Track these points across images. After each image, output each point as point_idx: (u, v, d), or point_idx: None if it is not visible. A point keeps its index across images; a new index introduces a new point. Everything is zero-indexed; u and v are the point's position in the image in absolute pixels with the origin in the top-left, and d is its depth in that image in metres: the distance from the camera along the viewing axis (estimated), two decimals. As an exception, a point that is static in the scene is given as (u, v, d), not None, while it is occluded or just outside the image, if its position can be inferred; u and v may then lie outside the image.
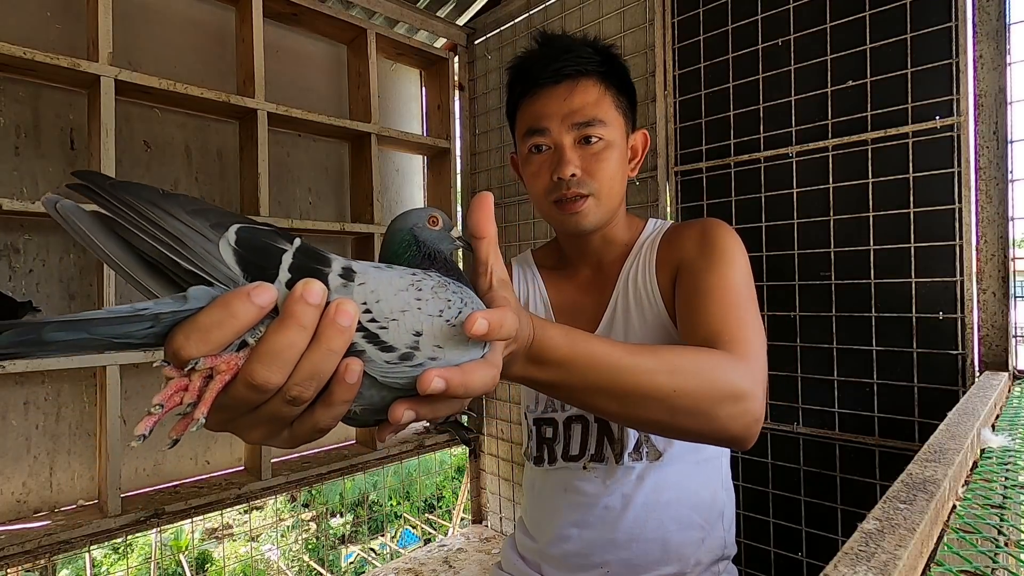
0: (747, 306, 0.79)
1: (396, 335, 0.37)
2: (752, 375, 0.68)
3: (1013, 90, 1.03)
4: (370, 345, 0.36)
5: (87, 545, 1.22)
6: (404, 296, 0.38)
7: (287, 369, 0.33)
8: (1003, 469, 0.58)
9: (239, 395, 0.34)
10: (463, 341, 0.39)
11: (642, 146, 0.97)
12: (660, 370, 0.60)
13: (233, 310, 0.32)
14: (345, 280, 0.37)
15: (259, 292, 0.33)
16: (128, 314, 0.32)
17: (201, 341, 0.32)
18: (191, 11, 1.54)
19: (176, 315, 0.33)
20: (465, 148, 2.02)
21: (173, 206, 0.34)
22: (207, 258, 0.34)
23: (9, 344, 0.29)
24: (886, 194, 1.14)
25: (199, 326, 0.32)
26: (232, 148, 1.59)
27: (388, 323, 0.37)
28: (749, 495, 1.34)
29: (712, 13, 1.37)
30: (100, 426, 1.28)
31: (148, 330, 0.32)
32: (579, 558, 0.93)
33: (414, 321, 0.38)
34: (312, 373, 0.34)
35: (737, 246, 0.86)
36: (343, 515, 6.36)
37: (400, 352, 0.37)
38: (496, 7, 1.91)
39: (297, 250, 0.37)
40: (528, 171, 0.92)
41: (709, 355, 0.66)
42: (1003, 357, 1.05)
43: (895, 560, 0.35)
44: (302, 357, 0.34)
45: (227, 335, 0.32)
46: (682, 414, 0.61)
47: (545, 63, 0.88)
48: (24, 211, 1.16)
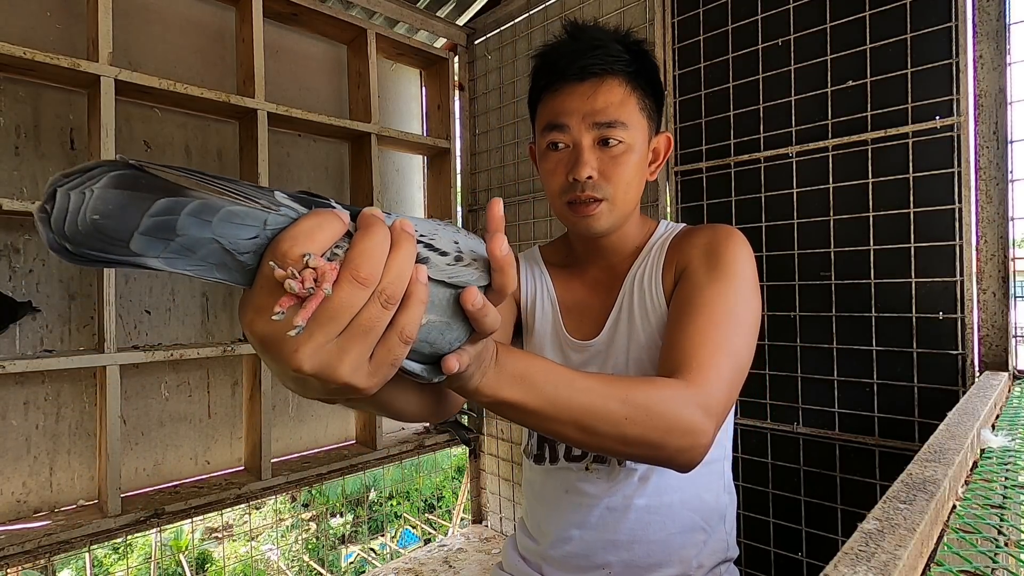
0: (736, 329, 0.77)
1: (443, 243, 0.44)
2: (705, 408, 0.68)
3: (1013, 90, 1.03)
4: (431, 252, 0.43)
5: (87, 545, 1.22)
6: (429, 224, 0.46)
7: (380, 266, 0.38)
8: (1003, 469, 0.58)
9: (343, 296, 0.37)
10: (481, 245, 0.46)
11: (665, 149, 0.94)
12: (613, 396, 0.62)
13: (325, 219, 0.37)
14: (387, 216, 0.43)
15: (341, 212, 0.39)
16: (246, 212, 0.35)
17: (308, 238, 0.36)
18: (191, 11, 1.54)
19: (279, 223, 0.36)
20: (465, 148, 2.02)
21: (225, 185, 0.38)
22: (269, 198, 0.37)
23: (150, 226, 0.32)
24: (886, 194, 1.14)
25: (303, 229, 0.36)
26: (232, 148, 1.59)
27: (433, 238, 0.44)
28: (749, 495, 1.34)
29: (712, 13, 1.37)
30: (100, 426, 1.28)
31: (253, 240, 0.36)
32: (580, 559, 0.93)
33: (447, 235, 0.45)
34: (398, 271, 0.38)
35: (745, 260, 0.84)
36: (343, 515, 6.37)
37: (452, 255, 0.44)
38: (496, 7, 1.91)
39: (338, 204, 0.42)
40: (544, 167, 0.90)
41: (663, 387, 0.67)
42: (1003, 357, 1.05)
43: (895, 560, 0.35)
44: (388, 259, 0.38)
45: (327, 237, 0.37)
46: (633, 443, 0.63)
47: (572, 58, 0.85)
48: (24, 211, 1.16)
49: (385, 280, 0.38)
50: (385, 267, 0.38)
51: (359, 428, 1.81)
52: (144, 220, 0.32)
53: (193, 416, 1.53)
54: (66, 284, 1.35)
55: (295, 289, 0.34)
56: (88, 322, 1.37)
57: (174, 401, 1.50)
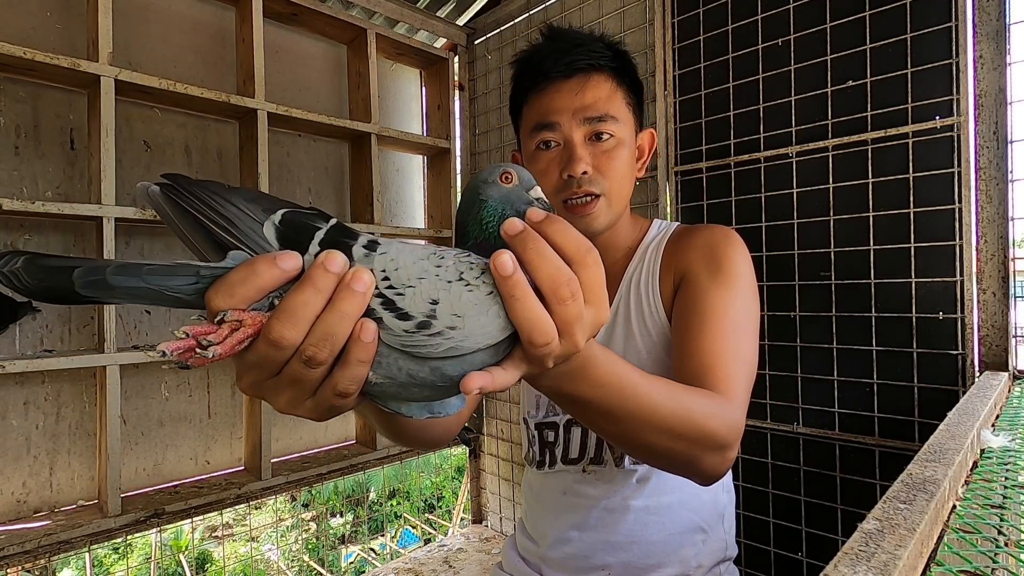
0: (744, 334, 0.78)
1: (412, 302, 0.37)
2: (738, 425, 0.68)
3: (1013, 90, 1.03)
4: (387, 312, 0.37)
5: (87, 545, 1.22)
6: (423, 264, 0.39)
7: (302, 327, 0.35)
8: (1003, 469, 0.58)
9: (260, 351, 0.36)
10: (484, 310, 0.38)
11: (649, 145, 0.94)
12: (674, 404, 0.59)
13: (257, 268, 0.36)
14: (368, 250, 0.39)
15: (283, 258, 0.36)
16: (175, 266, 0.36)
17: (228, 294, 0.35)
18: (191, 11, 1.54)
19: (214, 272, 0.36)
20: (465, 148, 2.02)
21: (235, 196, 0.39)
22: (251, 235, 0.38)
23: (83, 284, 0.34)
24: (886, 194, 1.14)
25: (228, 281, 0.36)
26: (232, 148, 1.59)
27: (405, 289, 0.38)
28: (749, 495, 1.34)
29: (712, 13, 1.37)
30: (100, 426, 1.28)
31: (193, 285, 0.36)
32: (580, 560, 0.93)
33: (431, 288, 0.38)
34: (326, 333, 0.36)
35: (745, 262, 0.84)
36: (343, 515, 6.36)
37: (417, 320, 0.37)
38: (496, 7, 1.91)
39: (330, 227, 0.39)
40: (535, 169, 0.88)
41: (708, 400, 0.66)
42: (1003, 357, 1.05)
43: (895, 560, 0.35)
44: (318, 318, 0.36)
45: (250, 291, 0.36)
46: (669, 454, 0.62)
47: (556, 56, 0.85)
48: (24, 211, 1.16)
49: (308, 341, 0.36)
50: (312, 327, 0.36)
51: (359, 428, 1.81)
52: (75, 280, 0.34)
53: (193, 416, 1.53)
54: (66, 284, 1.35)
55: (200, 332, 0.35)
56: (88, 322, 1.37)
57: (174, 401, 1.50)
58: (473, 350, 0.38)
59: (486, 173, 0.47)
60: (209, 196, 0.38)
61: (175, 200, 0.38)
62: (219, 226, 0.37)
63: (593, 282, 0.40)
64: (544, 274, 0.38)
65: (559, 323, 0.39)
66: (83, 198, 1.34)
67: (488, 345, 0.38)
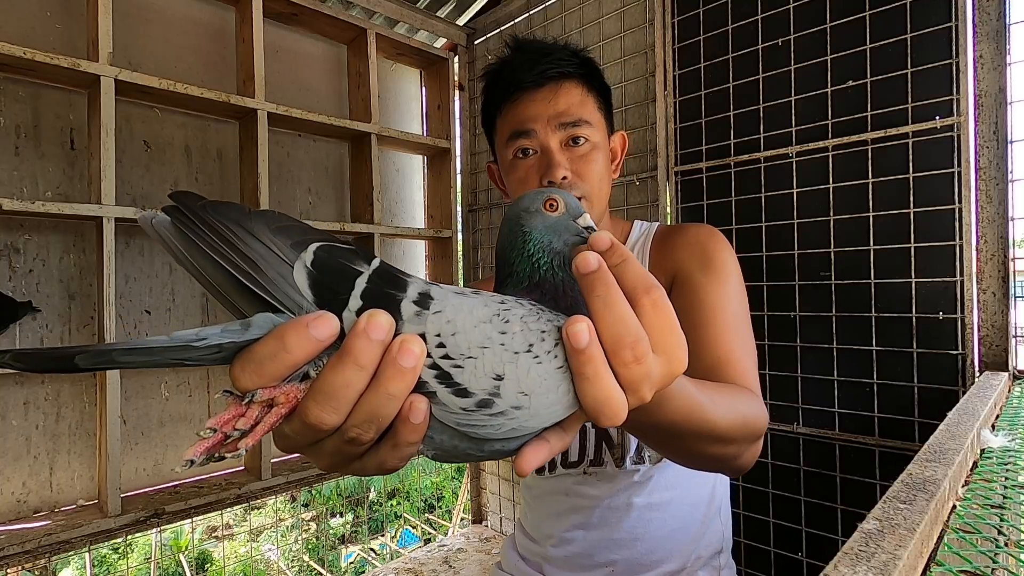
0: (744, 326, 0.80)
1: (473, 377, 0.32)
2: (767, 417, 0.69)
3: (1013, 90, 1.03)
4: (442, 386, 0.32)
5: (87, 545, 1.22)
6: (486, 329, 0.33)
7: (343, 409, 0.31)
8: (1003, 469, 0.58)
9: (297, 429, 0.32)
10: (554, 387, 0.33)
11: (621, 148, 0.96)
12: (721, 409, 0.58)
13: (287, 343, 0.30)
14: (420, 308, 0.33)
15: (317, 324, 0.31)
16: (190, 342, 0.31)
17: (255, 374, 0.31)
18: (191, 11, 1.54)
19: (236, 344, 0.32)
20: (465, 148, 2.02)
21: (257, 224, 0.33)
22: (279, 283, 0.32)
23: (88, 365, 0.30)
24: (886, 194, 1.14)
25: (254, 358, 0.31)
26: (232, 148, 1.59)
27: (464, 361, 0.32)
28: (749, 495, 1.34)
29: (712, 13, 1.37)
30: (100, 426, 1.28)
31: (215, 355, 0.32)
32: (584, 558, 0.93)
33: (495, 360, 0.33)
34: (370, 415, 0.32)
35: (732, 258, 0.86)
36: (343, 515, 6.37)
37: (478, 398, 0.32)
38: (496, 7, 1.91)
39: (373, 272, 0.34)
40: (514, 178, 0.89)
41: (747, 398, 0.67)
42: (1003, 357, 1.05)
43: (895, 560, 0.34)
44: (360, 397, 0.31)
45: (280, 369, 0.31)
46: (723, 458, 0.62)
47: (527, 66, 0.86)
48: (24, 211, 1.16)
49: (350, 422, 0.32)
50: (354, 407, 0.32)
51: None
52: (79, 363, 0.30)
53: (193, 416, 1.53)
54: (66, 284, 1.35)
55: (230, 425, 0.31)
56: (88, 322, 1.37)
57: (174, 401, 1.50)
58: (537, 430, 0.34)
59: (527, 201, 0.42)
60: (227, 229, 0.32)
61: (187, 234, 0.32)
62: (241, 271, 0.32)
63: (656, 326, 0.35)
64: (607, 328, 0.34)
65: (623, 383, 0.34)
66: (83, 198, 1.34)
67: (553, 424, 0.35)
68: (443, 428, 0.33)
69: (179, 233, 0.32)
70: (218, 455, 0.31)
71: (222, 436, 0.31)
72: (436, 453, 0.35)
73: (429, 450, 0.35)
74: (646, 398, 0.35)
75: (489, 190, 1.96)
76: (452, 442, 0.34)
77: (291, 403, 0.32)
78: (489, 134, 0.97)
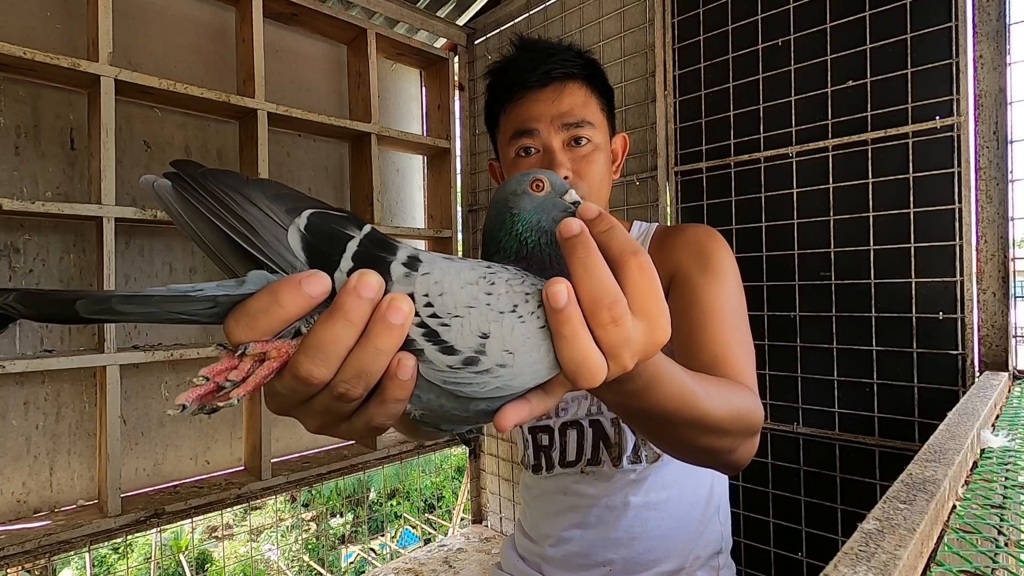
0: (742, 326, 0.81)
1: (459, 335, 0.33)
2: (762, 413, 0.70)
3: (1013, 90, 1.03)
4: (429, 344, 0.33)
5: (87, 545, 1.22)
6: (472, 290, 0.34)
7: (333, 364, 0.32)
8: (1003, 469, 0.58)
9: (288, 384, 0.33)
10: (536, 345, 0.34)
11: (622, 149, 0.97)
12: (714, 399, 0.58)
13: (280, 298, 0.32)
14: (408, 269, 0.34)
15: (310, 281, 0.32)
16: (187, 293, 0.32)
17: (248, 327, 0.32)
18: (191, 11, 1.54)
19: (231, 298, 0.33)
20: (465, 148, 2.02)
21: (255, 191, 0.35)
22: (274, 244, 0.34)
23: (88, 312, 0.31)
24: (886, 194, 1.14)
25: (247, 311, 0.32)
26: (232, 148, 1.59)
27: (451, 320, 0.33)
28: (749, 495, 1.34)
29: (712, 13, 1.37)
30: (100, 426, 1.28)
31: (209, 310, 0.33)
32: (581, 558, 0.93)
33: (481, 319, 0.34)
34: (359, 371, 0.32)
35: (730, 259, 0.87)
36: (343, 515, 6.36)
37: (464, 356, 0.33)
38: (496, 7, 1.91)
39: (365, 236, 0.35)
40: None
41: (742, 392, 0.68)
42: (1003, 357, 1.05)
43: (895, 560, 0.34)
44: (350, 353, 0.32)
45: (273, 323, 0.32)
46: (718, 451, 0.62)
47: (532, 66, 0.87)
48: (24, 211, 1.16)
49: (339, 377, 0.33)
50: (344, 362, 0.32)
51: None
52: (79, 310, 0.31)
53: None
54: (66, 284, 1.35)
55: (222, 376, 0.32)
56: (88, 322, 1.37)
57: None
58: (521, 389, 0.35)
59: (514, 184, 0.43)
60: (225, 193, 0.34)
61: (186, 198, 0.34)
62: (237, 232, 0.33)
63: (640, 291, 0.35)
64: (585, 291, 0.34)
65: (603, 347, 0.34)
66: (83, 198, 1.34)
67: (536, 384, 0.35)
68: (430, 387, 0.34)
69: (180, 197, 0.34)
70: (210, 406, 0.32)
71: (215, 386, 0.32)
72: (423, 414, 0.36)
73: (416, 409, 0.35)
74: (627, 365, 0.35)
75: (489, 190, 1.96)
76: (439, 400, 0.35)
77: (282, 358, 0.33)
78: (492, 132, 0.97)
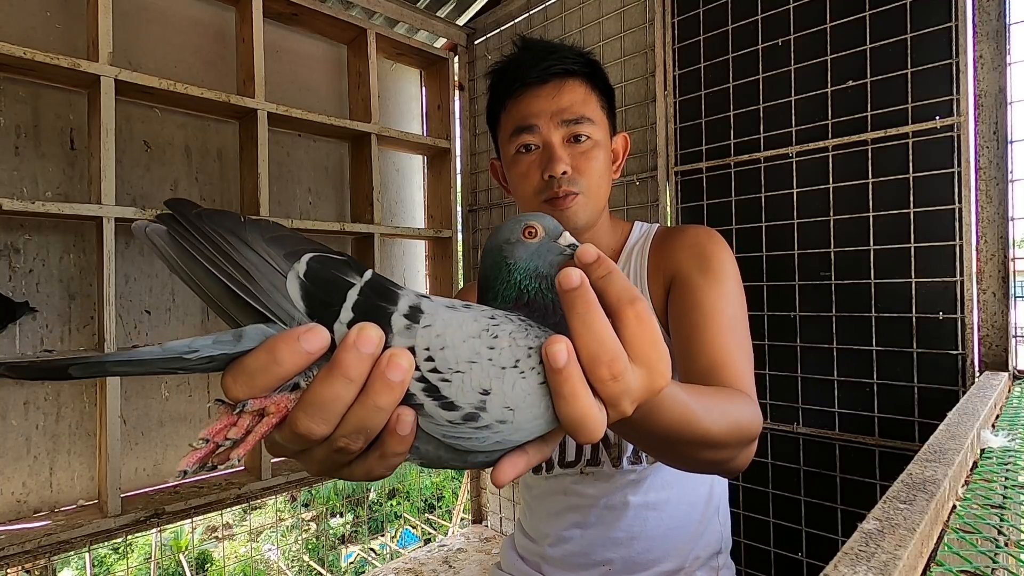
0: (742, 329, 0.81)
1: (460, 391, 0.33)
2: (761, 419, 0.70)
3: (1013, 90, 1.03)
4: (429, 399, 0.33)
5: (87, 545, 1.22)
6: (475, 344, 0.34)
7: (332, 421, 0.32)
8: (1003, 469, 0.58)
9: (287, 438, 0.33)
10: (537, 401, 0.34)
11: (623, 149, 0.97)
12: (724, 417, 0.59)
13: (278, 356, 0.31)
14: (410, 321, 0.34)
15: (308, 337, 0.31)
16: (182, 354, 0.32)
17: (246, 385, 0.32)
18: (191, 11, 1.54)
19: (228, 356, 0.32)
20: (465, 148, 2.02)
21: (252, 234, 0.34)
22: (272, 293, 0.33)
23: (82, 375, 0.31)
24: (886, 194, 1.14)
25: (245, 369, 0.32)
26: (232, 148, 1.59)
27: (452, 375, 0.33)
28: (749, 495, 1.33)
29: (712, 13, 1.37)
30: (100, 426, 1.28)
31: (207, 365, 0.32)
32: (581, 557, 0.93)
33: (482, 375, 0.33)
34: (358, 427, 0.32)
35: (731, 260, 0.86)
36: (343, 515, 6.37)
37: (464, 412, 0.33)
38: (496, 7, 1.91)
39: (365, 284, 0.34)
40: (516, 172, 0.90)
41: (741, 402, 0.68)
42: (1003, 357, 1.05)
43: (895, 560, 0.34)
44: (349, 409, 0.32)
45: (271, 380, 0.31)
46: (718, 462, 0.63)
47: (532, 63, 0.88)
48: (24, 211, 1.16)
49: (339, 432, 0.33)
50: (343, 418, 0.32)
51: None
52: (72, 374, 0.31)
53: (193, 416, 1.53)
54: (66, 284, 1.35)
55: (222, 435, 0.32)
56: (88, 322, 1.37)
57: (174, 401, 1.50)
58: (520, 443, 0.35)
59: (507, 232, 0.42)
60: (222, 238, 0.33)
61: (181, 244, 0.33)
62: (234, 281, 0.32)
63: (638, 340, 0.35)
64: (584, 346, 0.34)
65: (602, 398, 0.34)
66: (83, 198, 1.34)
67: (535, 437, 0.35)
68: (429, 439, 0.34)
69: (173, 242, 0.33)
70: (211, 464, 0.32)
71: (214, 446, 0.31)
72: (422, 461, 0.36)
73: (415, 459, 0.36)
74: (627, 412, 0.36)
75: (489, 190, 1.96)
76: (437, 452, 0.35)
77: (282, 413, 0.32)
78: (493, 130, 0.98)
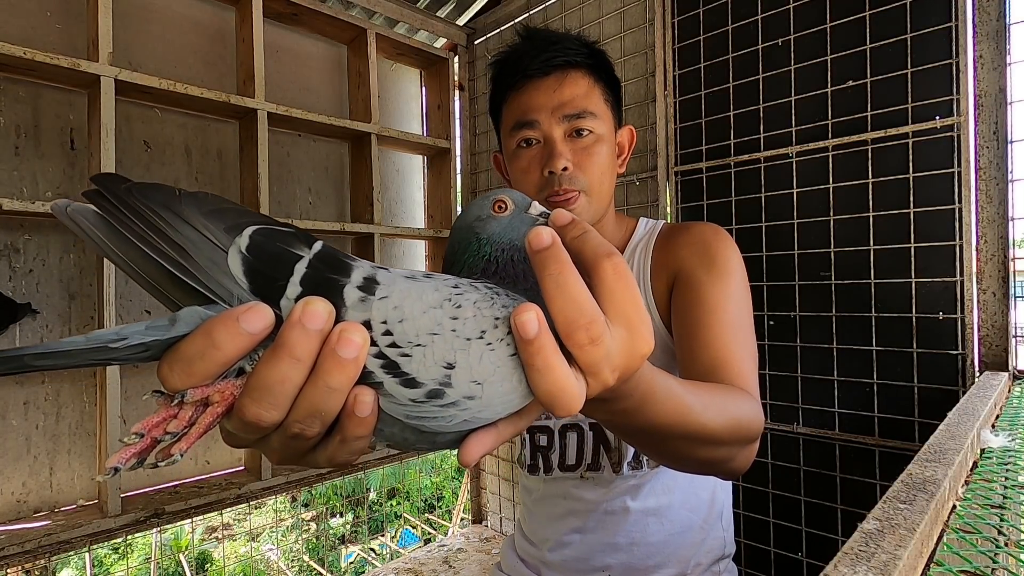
0: (746, 327, 0.79)
1: (421, 366, 0.30)
2: (763, 419, 0.69)
3: (1013, 90, 1.03)
4: (389, 377, 0.30)
5: (87, 545, 1.22)
6: (436, 315, 0.31)
7: (283, 405, 0.29)
8: (1003, 469, 0.58)
9: (237, 426, 0.30)
10: (508, 375, 0.31)
11: (629, 142, 0.94)
12: (722, 414, 0.57)
13: (216, 339, 0.28)
14: (364, 293, 0.31)
15: (248, 317, 0.28)
16: (109, 343, 0.28)
17: (184, 373, 0.28)
18: (191, 11, 1.54)
19: (162, 342, 0.29)
20: (465, 148, 2.02)
21: (189, 208, 0.30)
22: (212, 270, 0.30)
23: (7, 369, 0.28)
24: (886, 194, 1.14)
25: (181, 356, 0.28)
26: (232, 148, 1.59)
27: (412, 350, 0.30)
28: (749, 495, 1.33)
29: (712, 13, 1.37)
30: (100, 426, 1.28)
31: (141, 354, 0.29)
32: (580, 562, 0.93)
33: (445, 349, 0.30)
34: (312, 410, 0.29)
35: (737, 258, 0.85)
36: (343, 515, 6.36)
37: (427, 388, 0.30)
38: (496, 7, 1.91)
39: (315, 256, 0.31)
40: (516, 167, 0.88)
41: (741, 400, 0.66)
42: (1003, 357, 1.05)
43: (895, 560, 0.34)
44: (300, 392, 0.29)
45: (212, 367, 0.28)
46: (716, 461, 0.62)
47: (533, 54, 0.85)
48: (24, 211, 1.16)
49: (292, 417, 0.30)
50: (295, 402, 0.29)
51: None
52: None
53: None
54: (66, 284, 1.35)
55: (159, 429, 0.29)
56: (88, 322, 1.37)
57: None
58: (490, 421, 0.32)
59: (476, 209, 0.41)
60: (155, 214, 0.29)
61: (110, 222, 0.29)
62: (170, 260, 0.29)
63: (616, 295, 0.33)
64: (559, 311, 0.31)
65: (581, 366, 0.32)
66: (83, 198, 1.34)
67: (508, 414, 0.32)
68: (393, 420, 0.31)
69: (102, 221, 0.30)
70: (152, 462, 0.29)
71: (151, 441, 0.28)
72: (389, 444, 0.34)
73: (381, 441, 0.33)
74: (608, 381, 0.33)
75: (489, 190, 1.96)
76: (403, 435, 0.32)
77: (227, 400, 0.30)
78: (496, 123, 0.95)
